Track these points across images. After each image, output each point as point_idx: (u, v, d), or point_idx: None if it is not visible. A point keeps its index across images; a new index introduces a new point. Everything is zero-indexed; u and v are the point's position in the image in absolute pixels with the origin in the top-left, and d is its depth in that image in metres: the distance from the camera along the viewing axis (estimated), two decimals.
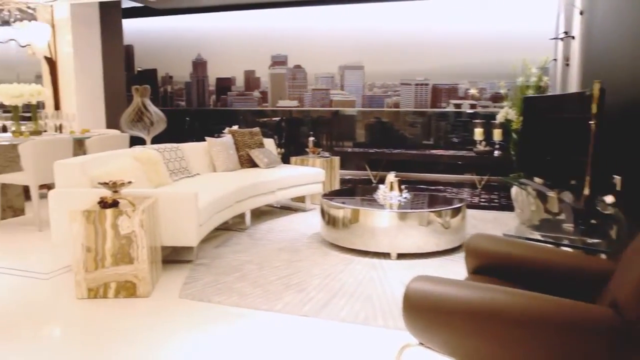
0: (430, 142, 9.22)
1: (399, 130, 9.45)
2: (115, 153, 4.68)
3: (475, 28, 8.79)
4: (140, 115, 8.25)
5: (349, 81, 9.58)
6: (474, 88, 8.73)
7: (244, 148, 6.19)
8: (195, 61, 10.41)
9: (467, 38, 8.81)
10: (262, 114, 10.16)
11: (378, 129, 9.58)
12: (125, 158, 4.53)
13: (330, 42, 9.50)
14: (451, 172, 8.97)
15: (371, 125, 9.62)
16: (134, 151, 4.85)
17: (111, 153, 4.67)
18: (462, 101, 9.12)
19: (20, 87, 5.89)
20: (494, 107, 8.89)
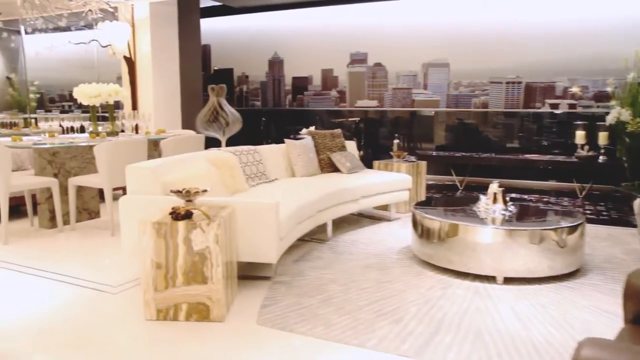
0: (522, 145, 8.38)
1: (487, 132, 8.68)
2: (189, 156, 4.30)
3: (576, 17, 7.89)
4: (216, 116, 7.96)
5: (433, 80, 8.90)
6: (575, 86, 7.82)
7: (324, 151, 5.70)
8: (272, 60, 10.07)
9: (567, 29, 7.93)
10: (339, 115, 9.66)
11: (463, 131, 8.84)
12: (200, 162, 4.14)
13: (413, 39, 8.87)
14: (546, 178, 8.11)
15: (455, 126, 8.90)
16: (209, 154, 4.45)
17: (185, 156, 4.29)
18: (559, 101, 8.23)
19: (98, 86, 5.68)
20: (598, 108, 7.97)
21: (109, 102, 5.78)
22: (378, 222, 5.64)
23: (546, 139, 8.29)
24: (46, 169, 5.24)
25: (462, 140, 8.76)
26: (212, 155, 4.38)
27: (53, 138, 5.40)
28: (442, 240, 3.97)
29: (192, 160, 4.20)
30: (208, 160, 4.21)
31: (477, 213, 4.23)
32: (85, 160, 5.58)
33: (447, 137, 8.97)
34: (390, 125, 9.32)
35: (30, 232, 5.25)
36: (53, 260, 4.30)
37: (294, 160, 5.39)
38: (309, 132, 5.78)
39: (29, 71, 9.54)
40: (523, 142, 8.42)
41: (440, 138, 8.98)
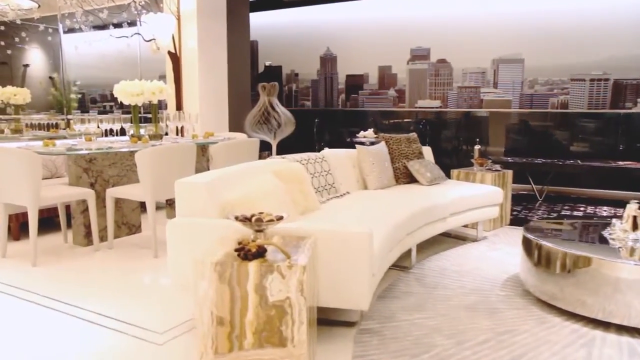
0: (609, 151, 7.30)
1: (567, 135, 7.62)
2: (249, 167, 3.46)
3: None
4: (267, 116, 7.15)
5: (505, 77, 7.89)
6: None
7: (400, 159, 4.80)
8: (324, 56, 9.21)
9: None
10: (395, 115, 8.74)
11: (538, 135, 7.80)
12: (263, 174, 3.29)
13: (481, 31, 7.88)
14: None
15: (529, 129, 7.86)
16: (273, 165, 3.61)
17: (244, 167, 3.45)
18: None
19: (141, 84, 4.91)
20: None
21: (153, 101, 5.02)
22: (462, 243, 4.70)
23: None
24: (81, 177, 4.49)
25: (536, 144, 7.73)
26: (277, 166, 3.53)
27: (90, 142, 4.65)
28: (569, 276, 3.03)
29: (252, 172, 3.36)
30: (273, 173, 3.36)
31: (611, 241, 3.26)
32: (125, 167, 4.82)
33: (519, 140, 7.95)
34: (453, 128, 8.35)
35: (63, 250, 4.51)
36: (86, 290, 3.52)
37: (366, 169, 4.50)
38: (383, 137, 4.88)
39: (70, 70, 8.94)
40: (610, 148, 7.33)
41: (511, 142, 7.96)
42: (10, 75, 9.30)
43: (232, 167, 3.40)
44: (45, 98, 9.24)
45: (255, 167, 3.47)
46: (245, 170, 3.35)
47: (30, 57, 9.39)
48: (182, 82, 6.89)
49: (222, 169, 3.31)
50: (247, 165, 3.55)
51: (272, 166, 3.54)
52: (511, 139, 7.96)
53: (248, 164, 3.62)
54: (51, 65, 9.31)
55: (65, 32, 8.41)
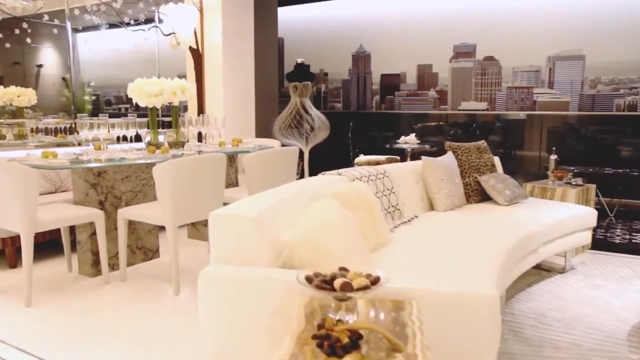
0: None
1: (637, 142, 6.68)
2: (301, 189, 2.61)
3: None
4: (299, 120, 6.31)
5: (562, 76, 6.97)
6: None
7: (470, 173, 3.93)
8: (356, 54, 8.35)
9: None
10: (436, 119, 7.86)
11: (601, 140, 6.87)
12: (323, 200, 2.43)
13: (535, 25, 6.97)
14: None
15: (590, 134, 6.94)
16: (330, 184, 2.76)
17: (295, 189, 2.60)
18: None
19: (160, 82, 4.09)
20: None
21: (174, 102, 4.19)
22: (548, 275, 3.82)
23: None
24: (89, 195, 3.67)
25: (599, 152, 6.80)
26: (336, 186, 2.67)
27: (99, 152, 3.84)
28: None
29: (307, 195, 2.51)
30: (334, 196, 2.51)
31: None
32: (141, 181, 4.00)
33: (578, 147, 7.02)
34: (501, 132, 7.46)
35: (66, 282, 3.69)
36: (90, 346, 2.70)
37: (434, 186, 3.63)
38: (450, 147, 4.00)
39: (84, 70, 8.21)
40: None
41: (570, 149, 7.04)
42: (24, 76, 8.57)
43: (281, 190, 2.55)
44: (59, 100, 8.49)
45: (309, 188, 2.62)
46: (298, 193, 2.50)
47: (43, 57, 8.65)
48: (204, 81, 6.08)
49: (268, 193, 2.45)
50: (299, 185, 2.70)
51: (330, 187, 2.69)
52: (570, 145, 7.04)
53: (300, 183, 2.77)
54: (66, 65, 8.57)
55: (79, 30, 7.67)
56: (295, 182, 2.78)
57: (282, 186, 2.64)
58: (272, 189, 2.55)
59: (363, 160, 7.16)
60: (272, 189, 2.55)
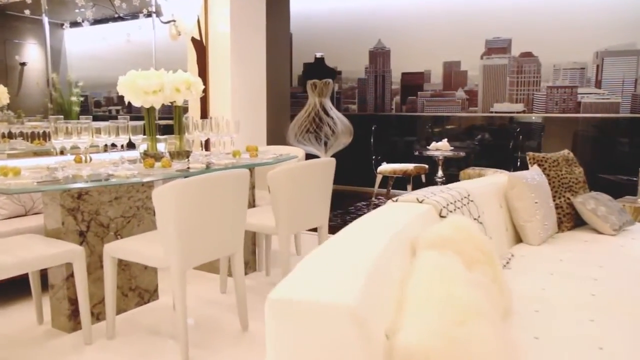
0: None
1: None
2: (388, 234, 1.65)
3: None
4: (319, 123, 5.38)
5: (611, 74, 6.09)
6: None
7: (562, 192, 3.00)
8: (374, 51, 7.43)
9: None
10: (458, 121, 6.95)
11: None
12: (428, 251, 1.48)
13: (580, 16, 6.09)
14: None
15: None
16: (420, 221, 1.82)
17: (381, 236, 1.64)
18: None
19: (159, 75, 3.13)
20: None
21: (177, 102, 3.24)
22: None
23: None
24: (65, 223, 2.71)
25: None
26: (439, 229, 1.71)
27: (80, 165, 2.87)
28: None
29: (401, 245, 1.57)
30: (440, 245, 1.56)
31: None
32: (135, 202, 3.05)
33: (631, 154, 6.13)
34: (537, 137, 6.56)
35: (34, 341, 2.72)
36: None
37: (526, 212, 2.70)
38: (533, 158, 3.08)
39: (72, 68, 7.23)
40: None
41: (621, 156, 6.15)
42: (5, 75, 7.58)
43: (359, 238, 1.59)
44: (43, 101, 7.51)
45: (398, 233, 1.66)
46: (388, 243, 1.54)
47: (27, 55, 7.66)
48: (208, 78, 5.12)
49: (342, 245, 1.50)
50: (379, 227, 1.74)
51: (421, 225, 1.75)
52: (620, 152, 6.15)
53: (379, 223, 1.81)
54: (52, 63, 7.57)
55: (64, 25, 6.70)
56: (369, 219, 1.83)
57: (353, 228, 1.69)
58: (343, 235, 1.60)
59: (387, 169, 6.25)
60: (343, 235, 1.60)
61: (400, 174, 6.17)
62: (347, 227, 1.67)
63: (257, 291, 3.42)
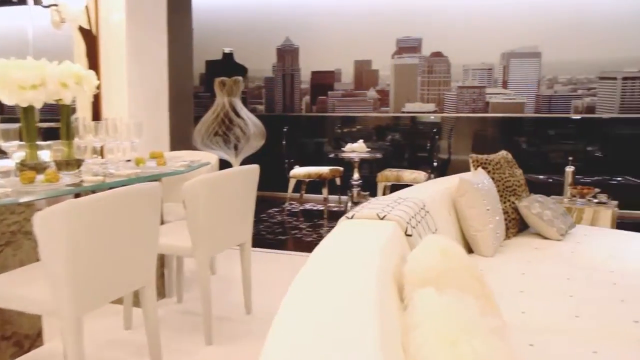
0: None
1: (590, 147, 6.04)
2: (369, 273, 1.26)
3: None
4: (229, 125, 4.89)
5: (517, 75, 6.20)
6: None
7: (507, 196, 2.80)
8: (282, 48, 7.04)
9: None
10: (370, 121, 6.78)
11: (563, 145, 6.17)
12: (432, 297, 1.12)
13: (488, 18, 6.13)
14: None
15: (550, 138, 6.22)
16: (397, 248, 1.45)
17: (361, 280, 1.25)
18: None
19: (40, 66, 2.51)
20: None
21: (64, 100, 2.63)
22: None
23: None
24: None
25: (561, 157, 6.08)
26: (425, 261, 1.34)
27: None
28: None
29: (387, 289, 1.19)
30: (425, 281, 1.21)
31: None
32: (9, 227, 2.40)
33: (538, 154, 6.26)
34: (445, 137, 6.53)
35: None
36: None
37: (478, 221, 2.44)
38: (477, 161, 2.84)
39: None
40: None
41: (529, 156, 6.27)
42: None
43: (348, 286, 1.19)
44: None
45: (379, 271, 1.28)
46: (367, 292, 1.15)
47: None
48: (101, 74, 4.44)
49: (332, 307, 1.09)
50: (345, 264, 1.34)
51: (389, 255, 1.39)
52: (528, 152, 6.26)
53: (351, 259, 1.41)
54: None
55: None
56: (334, 248, 1.43)
57: (322, 264, 1.27)
58: (314, 279, 1.19)
59: (301, 172, 5.89)
60: (314, 279, 1.19)
61: (315, 177, 5.84)
62: (311, 261, 1.26)
63: (168, 324, 2.89)
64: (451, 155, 6.35)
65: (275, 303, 1.02)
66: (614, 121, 5.98)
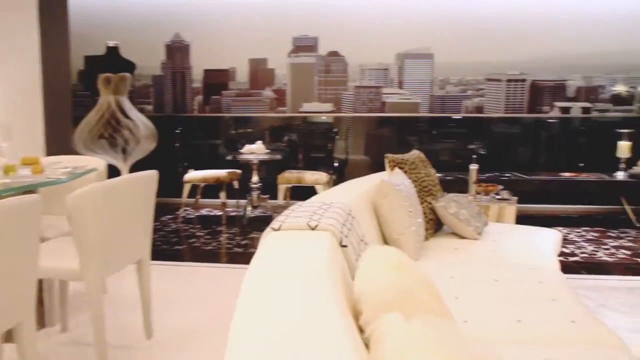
0: (532, 161, 6.19)
1: (481, 145, 6.30)
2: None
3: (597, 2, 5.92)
4: (115, 126, 4.43)
5: (412, 76, 6.32)
6: (621, 85, 5.83)
7: (423, 197, 2.73)
8: (172, 45, 6.60)
9: (585, 15, 5.92)
10: (268, 122, 6.59)
11: (452, 144, 6.39)
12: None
13: (384, 20, 6.18)
14: (564, 202, 5.98)
15: (444, 137, 6.41)
16: (336, 264, 1.26)
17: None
18: (572, 104, 6.22)
19: None
20: (615, 111, 6.13)
21: None
22: None
23: (562, 152, 6.22)
24: None
25: (446, 154, 6.29)
26: (379, 279, 1.16)
27: None
28: None
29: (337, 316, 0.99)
30: (386, 305, 1.03)
31: None
32: None
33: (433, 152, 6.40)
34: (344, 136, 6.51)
35: None
36: None
37: (400, 224, 2.32)
38: (393, 161, 2.73)
39: None
40: (533, 157, 6.25)
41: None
42: None
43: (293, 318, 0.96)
44: None
45: (326, 300, 1.07)
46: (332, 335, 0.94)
47: None
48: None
49: None
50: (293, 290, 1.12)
51: (333, 275, 1.20)
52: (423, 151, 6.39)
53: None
54: None
55: None
56: (271, 268, 1.20)
57: (265, 291, 1.04)
58: (258, 315, 0.95)
59: (197, 177, 5.52)
60: (258, 315, 0.95)
61: (212, 181, 5.51)
62: (247, 293, 1.02)
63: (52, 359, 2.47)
64: (349, 156, 6.34)
65: (179, 324, 0.78)
66: (500, 121, 6.31)
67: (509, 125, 6.36)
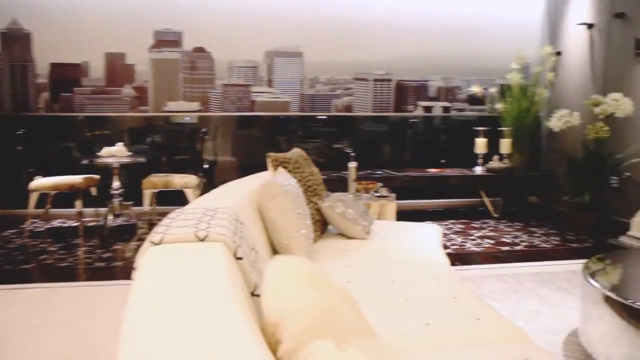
0: (400, 158, 6.43)
1: (351, 143, 6.39)
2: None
3: (454, 10, 6.30)
4: None
5: (281, 74, 6.21)
6: (477, 86, 6.21)
7: (309, 197, 2.59)
8: (8, 33, 5.78)
9: (444, 21, 6.27)
10: (125, 121, 6.10)
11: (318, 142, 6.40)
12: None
13: (252, 17, 5.99)
14: (431, 196, 6.29)
15: (314, 137, 6.39)
16: (241, 290, 1.05)
17: None
18: (433, 103, 6.56)
19: None
20: (471, 111, 6.59)
21: None
22: None
23: (426, 149, 6.53)
24: None
25: (317, 154, 6.29)
26: (298, 300, 0.97)
27: None
28: None
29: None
30: (312, 332, 0.86)
31: None
32: None
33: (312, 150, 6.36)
34: (212, 136, 6.22)
35: None
36: None
37: (290, 228, 2.15)
38: (276, 160, 2.54)
39: None
40: (400, 155, 6.48)
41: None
42: None
43: None
44: None
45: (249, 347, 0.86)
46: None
47: None
48: None
49: None
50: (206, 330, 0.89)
51: (239, 299, 1.00)
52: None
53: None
54: None
55: None
56: (166, 303, 0.95)
57: (169, 333, 0.80)
58: None
59: (46, 184, 4.88)
60: None
61: (64, 189, 4.93)
62: (133, 323, 0.78)
63: None
64: (217, 157, 6.05)
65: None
66: (369, 119, 6.45)
67: (377, 124, 6.52)
